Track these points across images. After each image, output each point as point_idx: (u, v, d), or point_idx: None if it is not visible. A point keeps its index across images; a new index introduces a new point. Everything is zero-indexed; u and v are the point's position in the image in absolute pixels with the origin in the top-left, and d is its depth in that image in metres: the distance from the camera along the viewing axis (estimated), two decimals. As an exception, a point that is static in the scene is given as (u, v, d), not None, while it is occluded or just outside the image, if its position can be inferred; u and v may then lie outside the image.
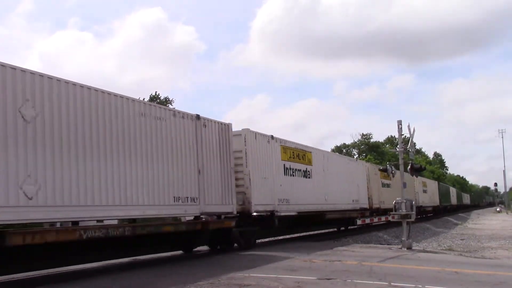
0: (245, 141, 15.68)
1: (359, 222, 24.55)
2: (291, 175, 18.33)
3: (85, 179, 9.67)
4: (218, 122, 14.45)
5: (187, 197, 12.68)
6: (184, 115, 12.98)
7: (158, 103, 47.83)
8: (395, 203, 16.53)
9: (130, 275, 10.28)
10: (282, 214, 17.21)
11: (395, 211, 16.41)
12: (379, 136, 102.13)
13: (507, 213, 73.89)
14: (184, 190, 12.58)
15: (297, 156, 19.05)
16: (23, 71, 8.81)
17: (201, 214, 13.27)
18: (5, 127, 8.33)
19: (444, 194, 57.21)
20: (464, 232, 33.18)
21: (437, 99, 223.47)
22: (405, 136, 18.13)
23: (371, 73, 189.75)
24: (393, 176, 21.28)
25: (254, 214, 15.69)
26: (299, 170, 19.07)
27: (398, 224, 22.29)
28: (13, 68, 8.65)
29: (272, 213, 16.58)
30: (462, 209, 78.72)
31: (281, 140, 18.10)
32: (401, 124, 16.50)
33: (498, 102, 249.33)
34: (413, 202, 16.41)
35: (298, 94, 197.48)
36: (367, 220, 25.89)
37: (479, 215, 67.23)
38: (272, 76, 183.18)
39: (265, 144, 16.86)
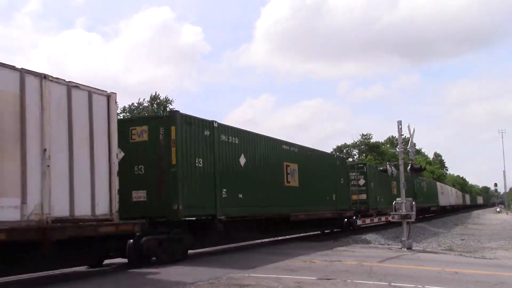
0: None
1: (359, 222, 24.51)
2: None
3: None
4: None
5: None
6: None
7: (157, 103, 47.91)
8: (395, 203, 16.52)
9: (132, 275, 10.29)
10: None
11: (395, 211, 16.40)
12: (380, 136, 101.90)
13: (507, 213, 73.98)
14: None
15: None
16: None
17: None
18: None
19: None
20: (464, 232, 33.19)
21: (441, 99, 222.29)
22: (405, 136, 18.14)
23: (376, 73, 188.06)
24: (394, 176, 21.30)
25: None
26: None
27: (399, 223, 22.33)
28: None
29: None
30: (472, 208, 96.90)
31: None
32: (401, 125, 16.49)
33: (502, 102, 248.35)
34: (413, 203, 16.37)
35: (303, 94, 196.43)
36: (367, 220, 25.88)
37: (479, 215, 67.32)
38: (276, 76, 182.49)
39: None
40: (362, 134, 79.15)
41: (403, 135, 17.23)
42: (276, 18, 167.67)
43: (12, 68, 8.34)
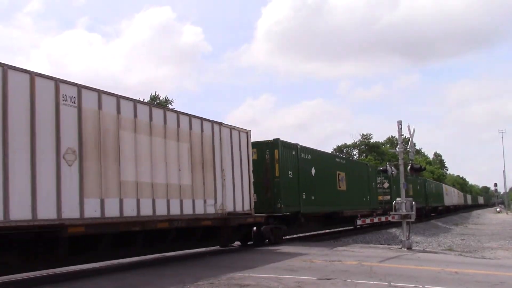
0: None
1: (359, 222, 24.50)
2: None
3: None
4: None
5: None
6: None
7: (157, 103, 47.90)
8: (395, 203, 16.49)
9: (131, 275, 10.34)
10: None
11: (395, 211, 16.36)
12: (380, 136, 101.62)
13: (507, 213, 73.98)
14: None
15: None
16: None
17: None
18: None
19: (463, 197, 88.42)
20: (464, 232, 33.36)
21: (441, 99, 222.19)
22: (405, 136, 18.12)
23: (376, 73, 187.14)
24: (393, 176, 21.30)
25: None
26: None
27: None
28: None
29: None
30: (472, 208, 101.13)
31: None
32: (401, 125, 16.47)
33: (502, 102, 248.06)
34: (413, 203, 16.33)
35: (303, 94, 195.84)
36: (367, 220, 25.86)
37: (479, 215, 67.34)
38: (276, 76, 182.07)
39: None
40: (362, 134, 78.96)
41: (403, 135, 17.24)
42: (277, 18, 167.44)
43: (208, 120, 13.80)
